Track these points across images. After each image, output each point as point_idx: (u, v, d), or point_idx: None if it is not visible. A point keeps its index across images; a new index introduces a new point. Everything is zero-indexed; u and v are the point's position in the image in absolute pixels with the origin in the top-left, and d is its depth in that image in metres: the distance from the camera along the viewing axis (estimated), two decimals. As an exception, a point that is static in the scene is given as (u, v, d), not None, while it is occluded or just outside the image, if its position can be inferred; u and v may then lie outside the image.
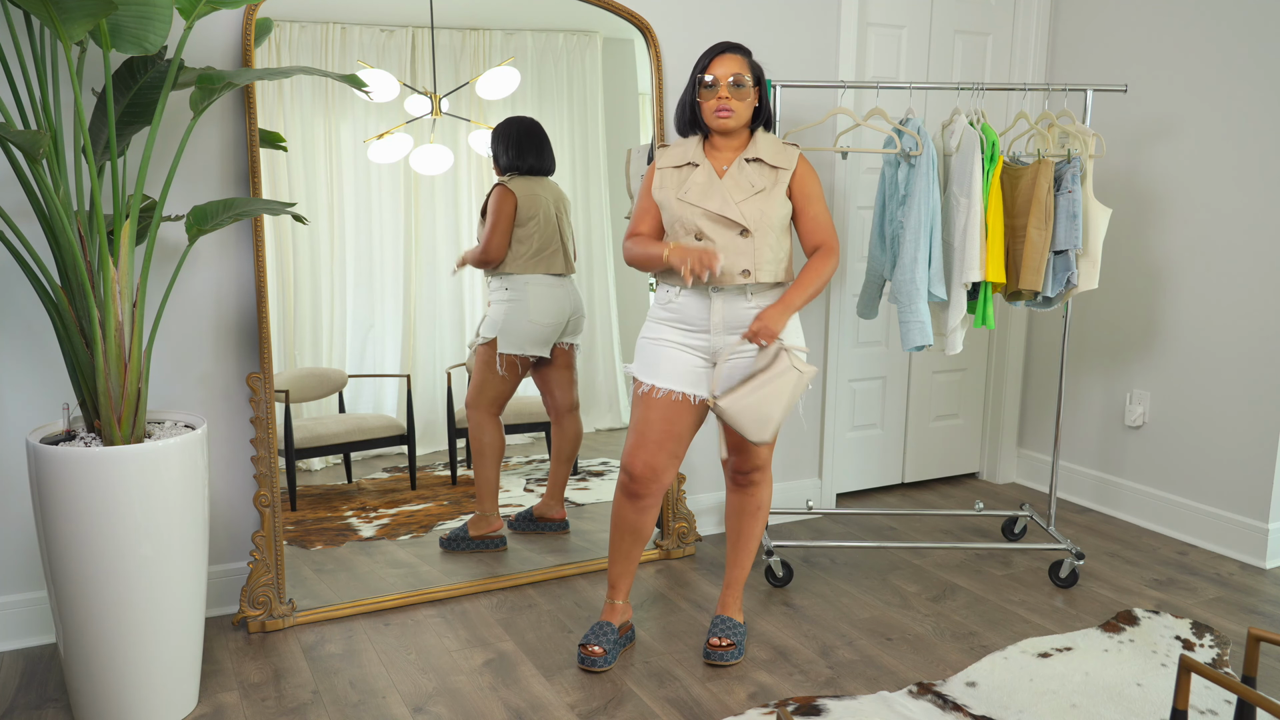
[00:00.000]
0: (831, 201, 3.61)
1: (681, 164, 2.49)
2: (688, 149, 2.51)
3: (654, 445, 2.49)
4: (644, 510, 2.56)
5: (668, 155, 2.53)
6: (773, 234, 2.44)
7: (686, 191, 2.44)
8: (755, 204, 2.42)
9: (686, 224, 2.44)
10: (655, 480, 2.52)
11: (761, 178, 2.44)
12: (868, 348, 3.94)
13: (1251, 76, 3.29)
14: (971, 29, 3.91)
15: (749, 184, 2.43)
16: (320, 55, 2.79)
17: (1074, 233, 2.97)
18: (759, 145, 2.48)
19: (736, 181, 2.43)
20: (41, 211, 2.24)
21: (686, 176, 2.47)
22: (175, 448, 2.21)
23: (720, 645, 2.61)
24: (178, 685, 2.32)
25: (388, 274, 2.97)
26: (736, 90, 2.41)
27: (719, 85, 2.41)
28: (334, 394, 2.97)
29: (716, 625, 2.67)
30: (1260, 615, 2.98)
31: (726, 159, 2.48)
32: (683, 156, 2.50)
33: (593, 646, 2.57)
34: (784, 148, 2.50)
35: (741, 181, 2.44)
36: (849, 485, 4.02)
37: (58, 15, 2.01)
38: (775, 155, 2.47)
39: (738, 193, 2.42)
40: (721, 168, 2.47)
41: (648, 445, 2.49)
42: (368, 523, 3.05)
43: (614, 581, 2.66)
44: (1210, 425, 3.49)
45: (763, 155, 2.46)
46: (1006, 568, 3.32)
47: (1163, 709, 2.41)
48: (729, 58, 2.42)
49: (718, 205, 2.40)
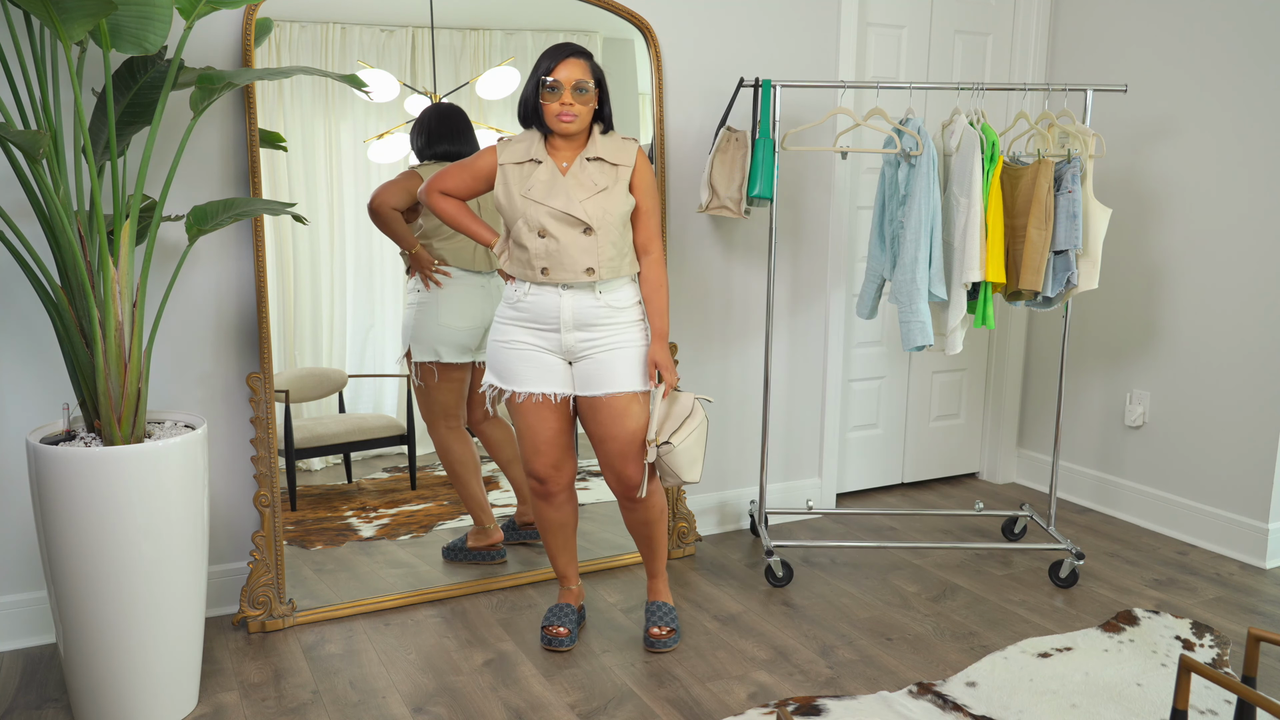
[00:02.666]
0: (831, 201, 3.61)
1: (524, 160, 2.51)
2: (530, 145, 2.52)
3: (544, 446, 2.58)
4: (561, 505, 2.68)
5: (509, 150, 2.53)
6: (615, 231, 2.49)
7: (530, 189, 2.47)
8: (598, 202, 2.46)
9: (531, 221, 2.46)
10: (558, 477, 2.62)
11: (603, 176, 2.49)
12: (868, 348, 3.94)
13: (1252, 76, 3.29)
14: (971, 29, 3.91)
15: (591, 182, 2.47)
16: (320, 55, 2.79)
17: (1074, 233, 2.97)
18: (598, 144, 2.52)
19: (579, 180, 2.47)
20: (41, 211, 2.24)
21: (530, 173, 2.49)
22: (175, 448, 2.21)
23: (662, 634, 2.70)
24: (178, 685, 2.32)
25: (388, 274, 2.97)
26: (579, 95, 2.44)
27: (562, 89, 2.43)
28: (334, 394, 2.97)
29: (654, 613, 2.75)
30: (1260, 615, 2.98)
31: (568, 156, 2.52)
32: (525, 153, 2.52)
33: (557, 628, 2.68)
34: (623, 144, 2.54)
35: (584, 180, 2.47)
36: (849, 485, 4.02)
37: (58, 15, 2.01)
38: (615, 153, 2.52)
39: (580, 191, 2.46)
40: (563, 164, 2.51)
41: (539, 449, 2.58)
42: (368, 523, 3.05)
43: (563, 571, 2.79)
44: (1210, 425, 3.49)
45: (602, 154, 2.51)
46: (1006, 568, 3.32)
47: (1163, 709, 2.41)
48: (572, 62, 2.44)
49: (562, 204, 2.44)
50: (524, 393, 2.53)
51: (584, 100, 2.44)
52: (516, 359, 2.54)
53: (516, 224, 2.48)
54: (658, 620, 2.72)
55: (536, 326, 2.52)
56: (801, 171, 3.55)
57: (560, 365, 2.55)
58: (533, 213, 2.45)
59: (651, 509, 2.67)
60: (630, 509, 2.67)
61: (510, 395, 2.56)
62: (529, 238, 2.46)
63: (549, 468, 2.60)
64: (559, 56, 2.44)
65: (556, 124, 2.45)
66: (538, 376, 2.53)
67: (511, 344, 2.54)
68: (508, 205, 2.49)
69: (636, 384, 2.54)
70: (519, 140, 2.54)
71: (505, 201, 2.50)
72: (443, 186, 2.57)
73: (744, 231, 3.48)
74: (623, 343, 2.53)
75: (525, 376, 2.53)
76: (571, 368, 2.56)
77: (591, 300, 2.50)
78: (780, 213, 3.54)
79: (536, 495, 2.66)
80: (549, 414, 2.56)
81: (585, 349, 2.52)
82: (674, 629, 2.71)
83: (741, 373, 3.56)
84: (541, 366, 2.53)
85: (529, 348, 2.53)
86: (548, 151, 2.51)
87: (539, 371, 2.53)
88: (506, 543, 3.19)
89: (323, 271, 2.89)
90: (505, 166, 2.51)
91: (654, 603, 2.78)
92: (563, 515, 2.69)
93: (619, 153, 2.52)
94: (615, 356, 2.52)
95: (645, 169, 2.55)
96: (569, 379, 2.56)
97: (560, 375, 2.55)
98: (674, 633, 2.71)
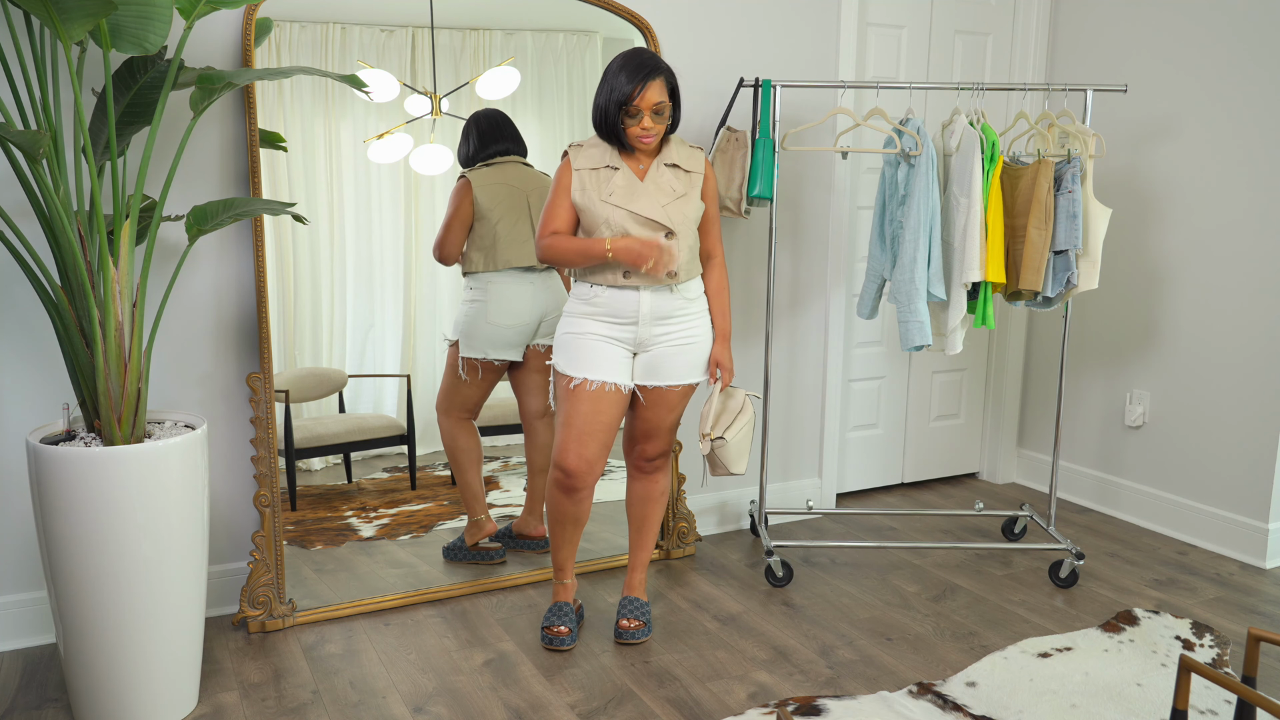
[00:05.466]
0: (831, 201, 3.61)
1: (600, 166, 2.55)
2: (604, 152, 2.57)
3: (586, 438, 2.57)
4: (581, 501, 2.66)
5: (584, 157, 2.58)
6: (691, 235, 2.58)
7: (610, 194, 2.52)
8: (678, 208, 2.54)
9: (613, 226, 2.51)
10: (590, 473, 2.60)
11: (679, 182, 2.57)
12: (867, 348, 3.94)
13: (1252, 76, 3.29)
14: (971, 29, 3.91)
15: (670, 189, 2.55)
16: (320, 55, 2.79)
17: (1074, 233, 2.97)
18: (673, 150, 2.60)
19: (658, 185, 2.54)
20: (41, 211, 2.24)
21: (608, 179, 2.54)
22: (175, 448, 2.21)
23: (630, 626, 2.73)
24: (178, 685, 2.32)
25: (388, 274, 2.97)
26: (658, 117, 2.50)
27: (643, 114, 2.48)
28: (334, 394, 2.97)
29: (625, 606, 2.79)
30: (1260, 615, 2.98)
31: (643, 161, 2.58)
32: (600, 159, 2.56)
33: (558, 627, 2.70)
34: (692, 151, 2.64)
35: (663, 186, 2.55)
36: (849, 485, 4.02)
37: (58, 15, 2.01)
38: (687, 160, 2.61)
39: (661, 197, 2.53)
40: (639, 168, 2.56)
41: (580, 439, 2.57)
42: (368, 523, 3.05)
43: (563, 564, 2.78)
44: (1210, 425, 3.49)
45: (678, 160, 2.58)
46: (1006, 568, 3.32)
47: (1163, 709, 2.41)
48: (653, 86, 2.47)
49: (645, 209, 2.51)
50: (596, 381, 2.55)
51: (663, 121, 2.52)
52: (589, 348, 2.57)
53: (599, 229, 2.53)
54: (629, 613, 2.76)
55: (612, 320, 2.57)
56: (801, 171, 3.56)
57: (628, 359, 2.61)
58: (615, 217, 2.51)
59: (656, 484, 2.75)
60: (637, 478, 2.75)
61: (580, 383, 2.56)
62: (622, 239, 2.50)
63: (583, 461, 2.57)
64: (640, 79, 2.46)
65: (637, 144, 2.53)
66: (608, 366, 2.57)
67: (584, 335, 2.58)
68: (588, 209, 2.54)
69: (694, 377, 2.65)
70: (591, 146, 2.59)
71: (585, 205, 2.54)
72: (551, 229, 2.59)
73: (744, 231, 3.48)
74: (691, 338, 2.62)
75: (594, 365, 2.56)
76: (635, 359, 2.62)
77: (667, 294, 2.57)
78: (780, 213, 3.54)
79: (559, 487, 2.62)
80: (607, 405, 2.57)
81: (657, 341, 2.59)
82: (645, 623, 2.75)
83: (742, 373, 3.57)
84: (611, 357, 2.58)
85: (602, 339, 2.58)
86: (622, 157, 2.57)
87: (609, 362, 2.57)
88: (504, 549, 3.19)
89: (323, 271, 2.89)
90: (581, 172, 2.56)
91: (628, 597, 2.81)
92: (579, 511, 2.69)
93: (691, 160, 2.62)
94: (682, 351, 2.61)
95: (712, 177, 2.67)
96: (631, 371, 2.62)
97: (627, 368, 2.61)
98: (644, 626, 2.75)
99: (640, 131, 2.49)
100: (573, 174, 2.56)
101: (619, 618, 2.76)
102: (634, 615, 2.76)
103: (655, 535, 2.83)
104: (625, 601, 2.81)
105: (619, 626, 2.74)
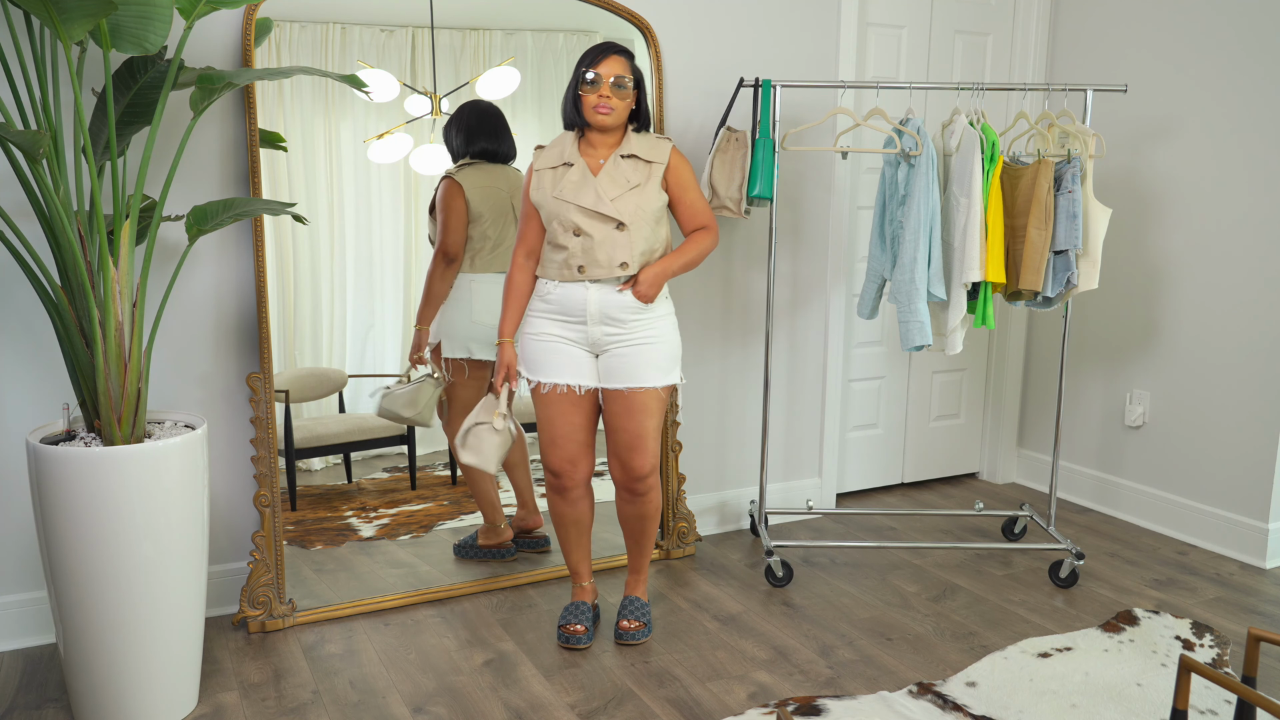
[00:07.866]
0: (831, 201, 3.61)
1: (557, 164, 2.57)
2: (563, 148, 2.58)
3: (564, 440, 2.61)
4: (576, 502, 2.69)
5: (543, 157, 2.60)
6: (647, 227, 2.55)
7: (561, 190, 2.52)
8: (631, 199, 2.52)
9: (564, 220, 2.52)
10: (575, 472, 2.65)
11: (636, 173, 2.55)
12: (867, 348, 3.94)
13: (1252, 76, 3.29)
14: (971, 29, 3.91)
15: (624, 180, 2.53)
16: (320, 55, 2.79)
17: (1074, 233, 2.97)
18: (632, 142, 2.58)
19: (612, 178, 2.53)
20: (41, 211, 2.24)
21: (562, 176, 2.55)
22: (175, 448, 2.21)
23: (630, 626, 2.73)
24: (178, 685, 2.32)
25: (388, 274, 2.97)
26: (617, 90, 2.50)
27: (601, 83, 2.49)
28: (334, 394, 2.97)
29: (625, 607, 2.79)
30: (1260, 615, 2.98)
31: (602, 155, 2.58)
32: (558, 157, 2.57)
33: (574, 625, 2.70)
34: (657, 142, 2.60)
35: (617, 178, 2.53)
36: (849, 485, 4.02)
37: (58, 15, 2.01)
38: (648, 150, 2.58)
39: (613, 189, 2.52)
40: (598, 163, 2.56)
41: (558, 441, 2.62)
42: (368, 523, 3.05)
43: (576, 568, 2.80)
44: (1210, 425, 3.49)
45: (636, 151, 2.57)
46: (1006, 568, 3.32)
47: (1163, 709, 2.41)
48: (614, 59, 2.51)
49: (591, 201, 2.50)
50: (549, 383, 2.58)
51: (622, 96, 2.51)
52: (544, 350, 2.59)
53: (552, 225, 2.54)
54: (629, 614, 2.76)
55: (565, 319, 2.57)
56: (801, 171, 3.55)
57: (586, 358, 2.60)
58: (564, 212, 2.51)
59: (649, 504, 2.71)
60: (629, 501, 2.70)
61: (535, 386, 2.61)
62: (565, 237, 2.52)
63: (565, 462, 2.63)
64: (601, 53, 2.51)
65: (593, 115, 2.51)
66: (563, 368, 2.58)
67: (540, 336, 2.60)
68: (542, 206, 2.55)
69: (659, 380, 2.60)
70: (552, 146, 2.61)
71: (539, 202, 2.56)
72: (526, 250, 2.63)
73: (744, 231, 3.48)
74: (650, 338, 2.58)
75: (551, 367, 2.58)
76: (598, 360, 2.60)
77: (615, 294, 2.54)
78: (780, 213, 3.54)
79: (552, 490, 2.68)
80: (570, 406, 2.59)
81: (612, 342, 2.57)
82: (645, 624, 2.75)
83: (742, 372, 3.57)
84: (568, 359, 2.58)
85: (557, 340, 2.59)
86: (582, 152, 2.57)
87: (565, 363, 2.58)
88: None
89: (323, 271, 2.89)
90: (540, 172, 2.57)
91: (629, 597, 2.81)
92: (577, 512, 2.70)
93: (653, 150, 2.59)
94: (641, 352, 2.57)
95: (681, 165, 2.62)
96: (594, 372, 2.61)
97: (586, 368, 2.60)
98: (644, 627, 2.74)
99: (597, 101, 2.49)
100: (533, 175, 2.59)
101: (619, 618, 2.76)
102: (634, 616, 2.76)
103: (653, 541, 2.82)
104: (625, 602, 2.81)
105: (619, 627, 2.74)
